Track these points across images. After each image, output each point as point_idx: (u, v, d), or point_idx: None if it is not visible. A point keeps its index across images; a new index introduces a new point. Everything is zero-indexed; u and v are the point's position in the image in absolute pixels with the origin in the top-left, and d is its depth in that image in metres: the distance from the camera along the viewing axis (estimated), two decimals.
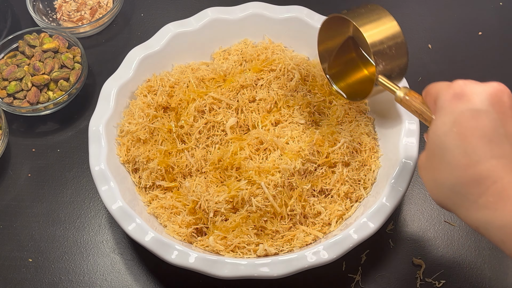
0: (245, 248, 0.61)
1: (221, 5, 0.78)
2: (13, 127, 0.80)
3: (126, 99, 0.72)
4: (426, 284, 0.66)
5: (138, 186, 0.68)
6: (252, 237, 0.61)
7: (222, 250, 0.61)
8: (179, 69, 0.76)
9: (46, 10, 0.90)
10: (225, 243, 0.62)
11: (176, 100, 0.70)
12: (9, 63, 0.79)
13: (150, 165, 0.66)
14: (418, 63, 0.84)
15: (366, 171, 0.67)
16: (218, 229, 0.62)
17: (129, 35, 0.89)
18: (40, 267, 0.69)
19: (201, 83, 0.72)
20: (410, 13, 0.90)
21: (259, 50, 0.75)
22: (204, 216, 0.64)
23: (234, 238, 0.61)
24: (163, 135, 0.69)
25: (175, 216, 0.64)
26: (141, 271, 0.68)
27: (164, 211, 0.65)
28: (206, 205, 0.63)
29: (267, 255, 0.60)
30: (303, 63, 0.73)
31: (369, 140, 0.68)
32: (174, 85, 0.73)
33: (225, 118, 0.68)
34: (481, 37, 0.87)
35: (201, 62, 0.78)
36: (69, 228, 0.71)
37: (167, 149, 0.67)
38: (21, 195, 0.74)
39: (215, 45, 0.79)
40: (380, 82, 0.58)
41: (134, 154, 0.68)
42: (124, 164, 0.69)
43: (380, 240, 0.68)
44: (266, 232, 0.62)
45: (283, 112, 0.69)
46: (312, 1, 0.86)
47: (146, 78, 0.74)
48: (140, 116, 0.69)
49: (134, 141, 0.69)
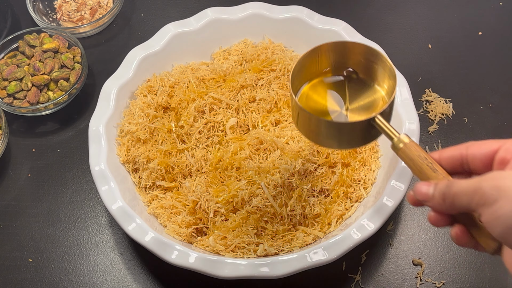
0: (245, 248, 0.61)
1: (221, 5, 0.78)
2: (13, 127, 0.80)
3: (126, 99, 0.72)
4: (426, 284, 0.66)
5: (138, 186, 0.68)
6: (252, 237, 0.61)
7: (222, 250, 0.61)
8: (179, 69, 0.76)
9: (46, 10, 0.90)
10: (225, 243, 0.62)
11: (176, 100, 0.70)
12: (9, 63, 0.79)
13: (150, 165, 0.67)
14: (418, 63, 0.84)
15: (366, 171, 0.67)
16: (218, 229, 0.62)
17: (129, 35, 0.89)
18: (40, 267, 0.69)
19: (201, 83, 0.73)
20: (410, 13, 0.90)
21: (259, 50, 0.75)
22: (204, 216, 0.64)
23: (234, 238, 0.61)
24: (163, 135, 0.69)
25: (175, 216, 0.64)
26: (141, 271, 0.68)
27: (164, 211, 0.65)
28: (206, 205, 0.63)
29: (267, 255, 0.60)
30: None
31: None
32: (174, 85, 0.73)
33: (225, 118, 0.68)
34: (481, 37, 0.87)
35: (201, 62, 0.78)
36: (69, 228, 0.71)
37: (167, 149, 0.67)
38: (21, 195, 0.74)
39: (215, 45, 0.79)
40: (377, 123, 0.49)
41: (134, 154, 0.68)
42: (124, 164, 0.69)
43: (380, 240, 0.68)
44: (266, 232, 0.62)
45: (283, 112, 0.69)
46: (312, 1, 0.86)
47: (146, 78, 0.74)
48: (140, 116, 0.69)
49: (134, 141, 0.69)
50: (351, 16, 0.89)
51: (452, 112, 0.79)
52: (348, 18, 0.77)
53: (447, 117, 0.79)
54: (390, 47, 0.76)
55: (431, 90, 0.81)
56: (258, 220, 0.62)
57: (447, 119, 0.79)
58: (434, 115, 0.79)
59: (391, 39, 0.87)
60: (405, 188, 0.61)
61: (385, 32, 0.88)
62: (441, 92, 0.81)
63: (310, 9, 0.76)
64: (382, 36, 0.87)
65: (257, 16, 0.77)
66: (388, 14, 0.90)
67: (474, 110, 0.80)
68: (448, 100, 0.80)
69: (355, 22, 0.77)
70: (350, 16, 0.87)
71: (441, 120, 0.79)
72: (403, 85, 0.68)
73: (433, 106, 0.79)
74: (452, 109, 0.80)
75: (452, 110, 0.80)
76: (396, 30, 0.88)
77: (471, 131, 0.78)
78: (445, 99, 0.80)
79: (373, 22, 0.89)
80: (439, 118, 0.79)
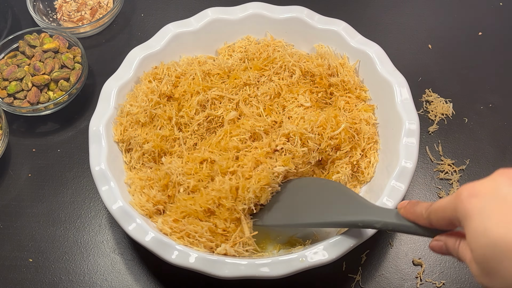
0: (196, 240, 0.61)
1: (221, 5, 0.78)
2: (13, 127, 0.80)
3: (126, 99, 0.72)
4: (426, 284, 0.66)
5: (127, 164, 0.69)
6: (204, 229, 0.61)
7: (168, 233, 0.61)
8: (187, 61, 0.76)
9: (47, 10, 0.91)
10: (177, 228, 0.62)
11: (180, 91, 0.71)
12: (9, 63, 0.79)
13: (145, 146, 0.67)
14: (418, 63, 0.84)
15: (366, 163, 0.67)
16: (173, 208, 0.63)
17: (129, 35, 0.89)
18: (41, 267, 0.69)
19: (206, 77, 0.73)
20: (410, 13, 0.90)
21: (261, 48, 0.76)
22: (173, 193, 0.64)
23: (187, 225, 0.61)
24: (163, 122, 0.69)
25: (149, 190, 0.65)
26: (141, 271, 0.68)
27: (139, 182, 0.66)
28: (177, 179, 0.64)
29: (226, 254, 0.60)
30: (302, 59, 0.73)
31: (369, 128, 0.69)
32: (181, 75, 0.73)
33: (225, 113, 0.69)
34: (481, 37, 0.87)
35: (208, 56, 0.78)
36: (70, 228, 0.71)
37: (164, 134, 0.68)
38: (22, 195, 0.74)
39: (215, 45, 0.79)
40: None
41: (131, 135, 0.68)
42: (117, 143, 0.69)
43: (380, 240, 0.69)
44: (217, 231, 0.62)
45: (287, 97, 0.70)
46: (312, 1, 0.86)
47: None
48: (143, 100, 0.70)
49: (133, 123, 0.69)
50: (351, 16, 0.89)
51: (452, 112, 0.79)
52: (348, 18, 0.77)
53: (447, 117, 0.79)
54: (390, 47, 0.76)
55: (431, 90, 0.81)
56: (213, 201, 0.62)
57: (447, 119, 0.79)
58: (434, 115, 0.79)
59: (391, 39, 0.87)
60: (405, 188, 0.61)
61: (385, 32, 0.88)
62: (441, 92, 0.81)
63: (310, 9, 0.76)
64: (382, 36, 0.87)
65: (257, 16, 0.77)
66: (388, 14, 0.90)
67: (474, 110, 0.80)
68: (448, 100, 0.80)
69: (355, 22, 0.77)
70: (350, 16, 0.87)
71: (441, 120, 0.79)
72: (403, 85, 0.68)
73: (433, 106, 0.79)
74: (452, 109, 0.80)
75: (452, 110, 0.80)
76: (396, 30, 0.88)
77: (471, 131, 0.78)
78: (445, 99, 0.80)
79: (373, 22, 0.89)
80: (439, 118, 0.79)
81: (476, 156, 0.76)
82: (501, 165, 0.75)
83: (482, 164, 0.75)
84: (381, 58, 0.71)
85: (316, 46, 0.76)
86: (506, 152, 0.76)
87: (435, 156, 0.76)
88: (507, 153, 0.76)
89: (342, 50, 0.74)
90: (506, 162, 0.75)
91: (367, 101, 0.72)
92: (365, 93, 0.72)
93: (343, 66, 0.73)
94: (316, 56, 0.75)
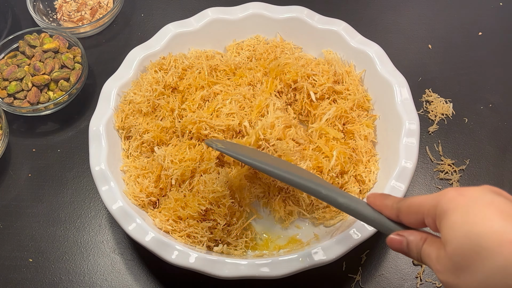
0: (196, 239, 0.62)
1: (221, 5, 0.78)
2: (13, 127, 0.80)
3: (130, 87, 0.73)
4: (426, 284, 0.66)
5: (125, 151, 0.69)
6: (201, 227, 0.62)
7: (170, 230, 0.62)
8: (195, 54, 0.76)
9: (47, 10, 0.91)
10: (177, 227, 0.62)
11: (185, 84, 0.71)
12: (9, 63, 0.79)
13: (145, 136, 0.67)
14: (418, 63, 0.84)
15: (366, 172, 0.67)
16: (166, 209, 0.63)
17: (129, 35, 0.89)
18: (41, 267, 0.69)
19: (212, 71, 0.73)
20: (410, 13, 0.90)
21: (269, 48, 0.76)
22: (165, 185, 0.65)
23: (188, 227, 0.62)
24: (165, 113, 0.69)
25: (143, 180, 0.65)
26: (141, 271, 0.68)
27: (134, 170, 0.67)
28: (168, 171, 0.64)
29: (223, 252, 0.61)
30: (309, 63, 0.72)
31: (364, 144, 0.68)
32: (187, 68, 0.73)
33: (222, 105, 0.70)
34: (481, 37, 0.87)
35: (216, 51, 0.78)
36: (70, 228, 0.71)
37: (165, 125, 0.68)
38: (22, 195, 0.74)
39: (215, 46, 0.79)
40: None
41: (132, 123, 0.69)
42: (118, 130, 0.69)
43: (380, 240, 0.69)
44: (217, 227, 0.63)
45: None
46: (312, 1, 0.86)
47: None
48: (148, 90, 0.70)
49: (135, 111, 0.70)
50: (351, 16, 0.89)
51: (452, 112, 0.79)
52: (348, 18, 0.77)
53: (447, 117, 0.79)
54: (390, 47, 0.76)
55: (431, 90, 0.81)
56: (205, 198, 0.62)
57: (447, 119, 0.79)
58: (434, 115, 0.79)
59: (391, 39, 0.87)
60: (405, 188, 0.61)
61: (385, 32, 0.88)
62: (441, 92, 0.81)
63: (310, 9, 0.76)
64: (382, 36, 0.87)
65: (257, 16, 0.77)
66: (388, 14, 0.90)
67: (474, 110, 0.80)
68: (448, 100, 0.80)
69: (355, 22, 0.77)
70: (350, 16, 0.87)
71: (441, 120, 0.79)
72: (403, 85, 0.68)
73: (433, 106, 0.79)
74: (452, 109, 0.80)
75: (452, 110, 0.80)
76: (396, 30, 0.88)
77: (471, 131, 0.78)
78: (445, 99, 0.80)
79: (373, 22, 0.89)
80: (439, 118, 0.79)
81: (476, 156, 0.76)
82: (501, 165, 0.75)
83: (482, 164, 0.75)
84: (381, 58, 0.71)
85: (324, 52, 0.76)
86: (506, 152, 0.76)
87: (435, 156, 0.76)
88: (507, 153, 0.76)
89: (342, 50, 0.74)
90: (506, 162, 0.75)
91: (370, 111, 0.72)
92: (368, 103, 0.72)
93: (349, 74, 0.73)
94: (323, 61, 0.74)
